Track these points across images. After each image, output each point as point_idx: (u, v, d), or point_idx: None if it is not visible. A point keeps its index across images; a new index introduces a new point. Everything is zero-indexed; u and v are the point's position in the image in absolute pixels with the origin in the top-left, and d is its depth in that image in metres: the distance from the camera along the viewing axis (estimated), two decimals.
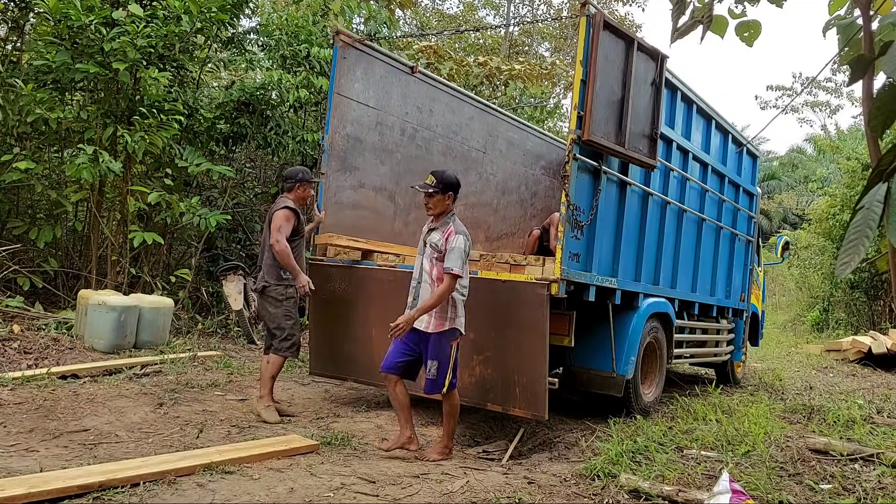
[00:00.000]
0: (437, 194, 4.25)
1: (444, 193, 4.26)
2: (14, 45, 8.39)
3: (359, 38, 6.08)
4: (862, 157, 15.42)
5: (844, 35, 2.95)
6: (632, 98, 5.17)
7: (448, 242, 4.17)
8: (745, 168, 8.32)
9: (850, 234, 1.92)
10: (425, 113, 6.83)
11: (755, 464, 4.43)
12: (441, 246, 4.19)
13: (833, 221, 16.01)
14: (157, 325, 7.15)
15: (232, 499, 3.38)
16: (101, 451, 3.99)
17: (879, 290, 15.63)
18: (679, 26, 3.12)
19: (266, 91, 9.12)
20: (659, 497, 3.74)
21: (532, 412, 4.71)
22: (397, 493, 3.66)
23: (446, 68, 12.37)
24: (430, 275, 4.25)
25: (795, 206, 29.82)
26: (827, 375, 9.96)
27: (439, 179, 4.25)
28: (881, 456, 4.60)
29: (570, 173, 4.75)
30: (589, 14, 4.81)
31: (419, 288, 4.30)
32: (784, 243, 9.98)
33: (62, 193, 7.86)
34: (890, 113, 2.21)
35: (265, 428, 4.81)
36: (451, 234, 4.19)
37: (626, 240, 5.65)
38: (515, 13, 22.74)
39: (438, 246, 4.20)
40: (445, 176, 4.29)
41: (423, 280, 4.29)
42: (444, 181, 4.25)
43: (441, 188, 4.25)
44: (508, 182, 8.23)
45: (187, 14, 7.58)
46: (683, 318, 6.92)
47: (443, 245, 4.18)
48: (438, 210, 4.29)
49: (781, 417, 6.22)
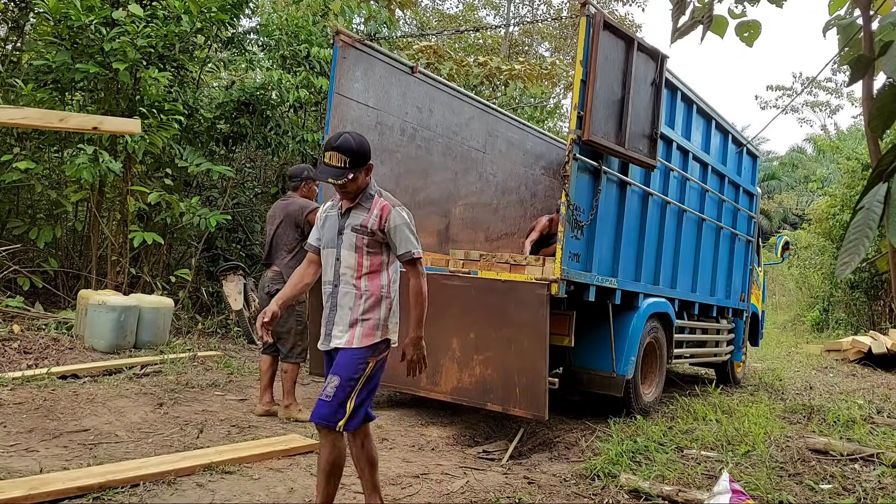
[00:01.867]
0: (358, 174, 2.99)
1: (362, 168, 3.00)
2: (14, 45, 8.39)
3: (359, 38, 6.07)
4: (862, 157, 15.42)
5: (844, 35, 2.95)
6: (632, 98, 5.17)
7: (387, 220, 3.02)
8: (745, 168, 8.32)
9: (850, 235, 1.92)
10: (425, 113, 6.83)
11: (755, 464, 4.43)
12: (374, 226, 3.01)
13: (833, 221, 16.01)
14: (157, 325, 7.15)
15: (232, 499, 3.39)
16: (101, 451, 3.99)
17: (879, 290, 15.62)
18: (679, 26, 3.12)
19: (266, 91, 9.12)
20: (659, 497, 3.74)
21: (532, 412, 4.71)
22: (397, 493, 3.66)
23: (446, 68, 12.37)
24: (357, 272, 3.03)
25: (795, 206, 29.82)
26: (827, 375, 9.96)
27: (349, 153, 2.95)
28: (881, 456, 4.60)
29: (570, 173, 4.75)
30: (589, 14, 4.81)
31: (336, 294, 3.04)
32: (784, 243, 9.97)
33: (62, 193, 7.86)
34: (890, 113, 2.21)
35: (265, 428, 4.81)
36: (386, 210, 3.03)
37: (626, 240, 5.65)
38: (515, 13, 22.74)
39: (370, 228, 3.01)
40: (354, 147, 2.97)
41: (343, 282, 3.03)
42: (354, 155, 2.96)
43: (357, 164, 2.97)
44: (508, 182, 8.23)
45: (187, 14, 7.58)
46: (683, 318, 6.92)
47: (376, 225, 3.01)
48: (360, 188, 3.07)
49: (781, 417, 6.23)
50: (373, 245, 3.04)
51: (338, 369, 2.95)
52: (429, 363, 4.93)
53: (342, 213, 3.10)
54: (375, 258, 3.06)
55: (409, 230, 3.07)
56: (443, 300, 5.07)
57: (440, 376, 5.08)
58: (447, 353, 5.04)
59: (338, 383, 2.91)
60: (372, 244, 3.04)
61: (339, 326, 3.02)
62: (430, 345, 5.17)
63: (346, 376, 2.93)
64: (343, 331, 3.02)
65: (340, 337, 3.01)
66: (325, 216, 3.18)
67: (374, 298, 3.04)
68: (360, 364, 2.96)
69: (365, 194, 3.09)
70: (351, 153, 2.95)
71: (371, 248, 3.04)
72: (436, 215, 7.08)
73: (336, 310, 3.05)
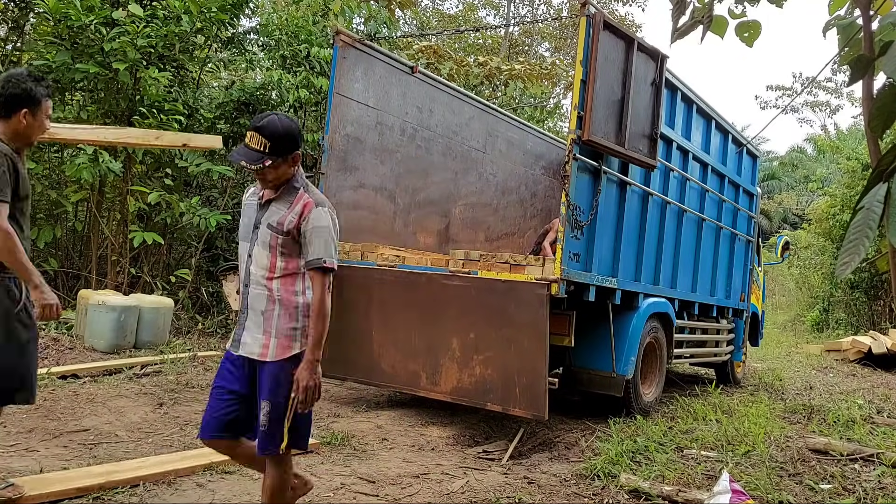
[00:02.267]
0: (279, 162, 2.62)
1: (285, 156, 2.64)
2: (14, 45, 8.39)
3: (359, 38, 6.08)
4: (862, 157, 15.42)
5: (844, 35, 2.95)
6: (632, 98, 5.17)
7: (306, 220, 2.63)
8: (745, 168, 8.32)
9: (851, 235, 1.92)
10: (425, 113, 6.83)
11: (755, 464, 4.43)
12: (291, 225, 2.64)
13: (833, 221, 16.01)
14: (157, 325, 7.15)
15: (232, 499, 3.39)
16: (100, 451, 3.99)
17: (879, 290, 15.63)
18: (679, 26, 3.12)
19: (266, 91, 9.12)
20: (659, 497, 3.74)
21: (532, 412, 4.71)
22: (397, 493, 3.66)
23: (446, 68, 12.37)
24: (269, 273, 2.66)
25: (795, 206, 29.83)
26: (827, 375, 9.96)
27: (271, 138, 2.59)
28: (881, 456, 4.60)
29: (570, 173, 4.75)
30: (589, 14, 4.81)
31: (247, 295, 2.70)
32: (784, 243, 9.97)
33: (62, 193, 7.86)
34: (890, 113, 2.21)
35: None
36: (308, 207, 2.65)
37: (626, 240, 5.65)
38: (515, 13, 22.75)
39: (286, 226, 2.64)
40: (280, 131, 2.60)
41: (255, 282, 2.68)
42: (277, 140, 2.59)
43: (280, 151, 2.61)
44: (508, 182, 8.24)
45: (187, 14, 7.58)
46: (683, 318, 6.92)
47: (294, 223, 2.64)
48: (282, 178, 2.69)
49: (781, 417, 6.23)
50: (288, 246, 2.66)
51: (264, 393, 2.62)
52: (429, 363, 4.78)
53: (261, 205, 2.73)
54: (291, 261, 2.68)
55: (329, 235, 2.65)
56: (443, 300, 5.08)
57: (440, 376, 5.08)
58: (447, 353, 5.04)
59: (269, 409, 2.59)
60: (287, 244, 2.66)
61: (251, 332, 2.66)
62: (431, 345, 5.24)
63: (273, 400, 2.60)
64: (254, 338, 2.65)
65: (250, 345, 2.65)
66: (245, 204, 2.82)
67: (288, 305, 2.65)
68: (285, 379, 2.60)
69: (288, 187, 2.70)
70: (273, 137, 2.58)
71: (286, 249, 2.66)
72: (436, 215, 7.08)
73: (247, 312, 2.69)
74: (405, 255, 5.72)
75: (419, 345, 5.18)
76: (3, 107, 2.95)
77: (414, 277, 5.22)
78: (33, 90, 2.98)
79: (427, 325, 5.16)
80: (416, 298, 5.20)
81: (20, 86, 2.96)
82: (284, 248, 2.65)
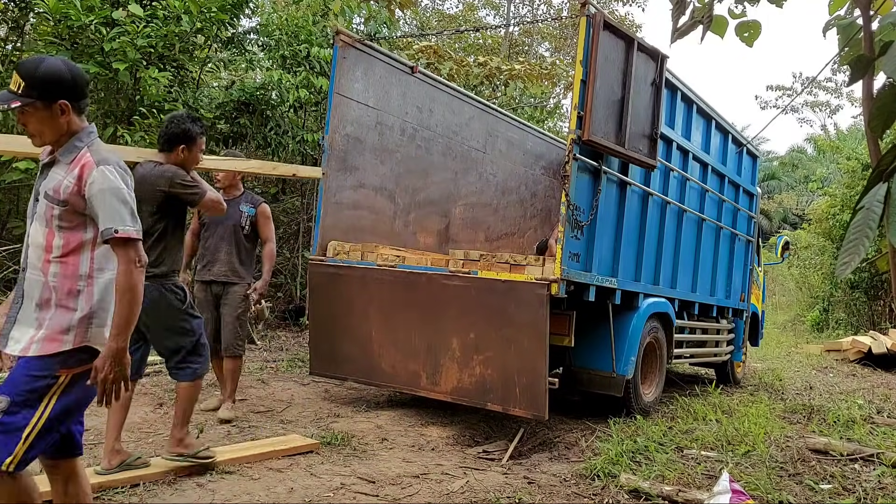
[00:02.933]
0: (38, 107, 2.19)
1: (47, 101, 2.18)
2: (14, 45, 8.39)
3: (359, 38, 6.08)
4: (862, 157, 15.41)
5: (844, 35, 2.95)
6: (632, 98, 5.17)
7: (87, 184, 2.19)
8: (745, 168, 8.32)
9: (850, 235, 1.92)
10: (425, 113, 6.83)
11: (755, 464, 4.43)
12: (68, 192, 2.19)
13: (833, 221, 16.01)
14: None
15: (232, 499, 3.39)
16: (100, 451, 3.99)
17: (879, 290, 15.62)
18: (679, 26, 3.12)
19: (266, 91, 9.12)
20: (659, 497, 3.74)
21: (532, 412, 4.71)
22: (397, 493, 3.66)
23: (446, 68, 12.37)
24: (45, 254, 2.22)
25: (795, 206, 29.84)
26: (827, 375, 9.96)
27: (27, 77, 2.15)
28: (881, 456, 4.61)
29: (570, 173, 4.75)
30: (589, 14, 4.81)
31: (23, 281, 2.26)
32: (784, 243, 9.97)
33: None
34: (890, 113, 2.21)
35: (265, 428, 4.81)
36: (87, 168, 2.20)
37: (626, 240, 5.66)
38: (515, 13, 22.74)
39: (62, 193, 2.20)
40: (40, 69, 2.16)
41: (30, 265, 2.25)
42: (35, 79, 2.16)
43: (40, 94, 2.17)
44: (508, 182, 8.24)
45: (187, 14, 7.58)
46: (683, 318, 6.92)
47: (71, 189, 2.19)
48: (51, 133, 2.24)
49: (781, 417, 6.23)
50: (68, 218, 2.21)
51: (5, 387, 2.13)
52: (429, 363, 4.75)
53: (42, 168, 2.28)
54: (73, 235, 2.22)
55: (118, 198, 2.19)
56: (443, 300, 5.08)
57: (440, 376, 5.08)
58: (447, 353, 5.04)
59: (5, 407, 2.09)
60: (66, 216, 2.20)
61: (21, 326, 2.22)
62: (431, 345, 5.24)
63: (15, 397, 2.11)
64: (24, 332, 2.20)
65: (19, 340, 2.19)
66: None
67: (66, 291, 2.21)
68: (39, 380, 2.14)
69: (69, 146, 2.24)
70: (29, 77, 2.14)
71: (64, 222, 2.21)
72: (436, 215, 7.09)
73: (21, 302, 2.24)
74: (405, 255, 5.72)
75: (419, 345, 5.18)
76: (165, 143, 3.58)
77: (414, 277, 5.22)
78: (190, 130, 3.58)
79: (427, 325, 5.16)
80: (416, 298, 5.20)
81: (180, 126, 3.56)
82: (63, 220, 2.21)
